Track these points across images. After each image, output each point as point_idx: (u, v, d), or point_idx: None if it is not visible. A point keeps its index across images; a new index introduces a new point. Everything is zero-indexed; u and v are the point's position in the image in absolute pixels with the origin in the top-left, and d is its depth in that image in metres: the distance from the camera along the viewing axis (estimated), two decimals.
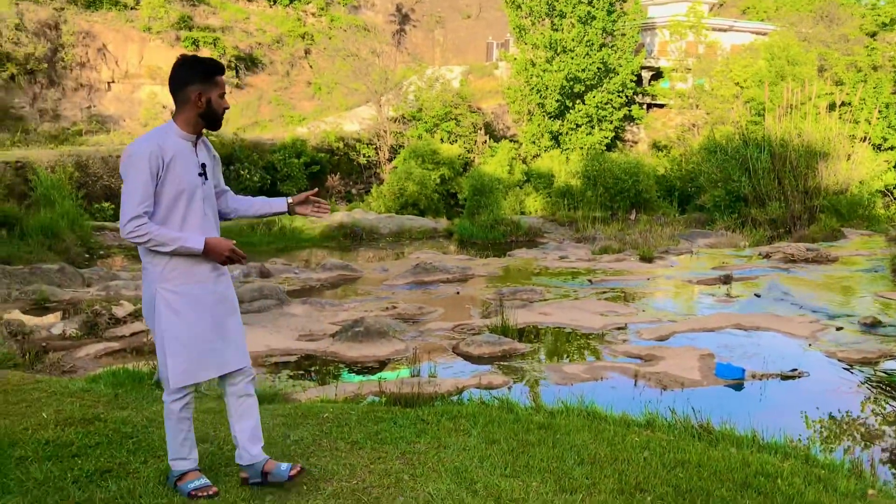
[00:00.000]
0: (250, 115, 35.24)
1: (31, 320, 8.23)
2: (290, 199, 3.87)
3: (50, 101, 31.94)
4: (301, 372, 7.15)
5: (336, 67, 35.12)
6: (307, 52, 38.47)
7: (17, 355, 6.65)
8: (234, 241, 3.57)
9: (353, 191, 31.02)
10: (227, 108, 3.58)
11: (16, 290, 10.36)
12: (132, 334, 7.96)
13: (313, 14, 39.87)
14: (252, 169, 26.91)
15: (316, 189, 3.72)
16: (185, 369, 3.44)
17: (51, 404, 4.94)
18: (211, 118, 3.53)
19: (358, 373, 7.11)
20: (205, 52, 34.13)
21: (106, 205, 22.31)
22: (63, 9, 33.20)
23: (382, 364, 7.37)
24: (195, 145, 3.53)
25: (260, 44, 37.31)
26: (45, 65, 31.99)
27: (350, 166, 31.10)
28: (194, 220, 3.47)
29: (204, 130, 3.61)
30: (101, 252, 17.61)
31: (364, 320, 8.15)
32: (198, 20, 36.26)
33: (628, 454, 4.38)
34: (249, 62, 36.60)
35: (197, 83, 3.46)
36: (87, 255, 16.42)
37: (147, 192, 3.31)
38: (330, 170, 30.19)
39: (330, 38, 37.19)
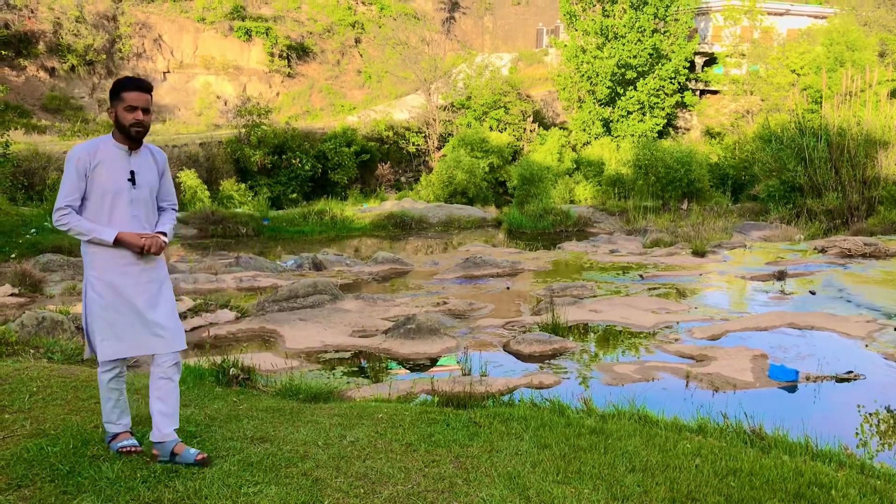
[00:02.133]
0: (302, 104, 35.62)
1: None
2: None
3: (108, 92, 32.67)
4: (355, 369, 7.30)
5: (386, 56, 35.28)
6: (357, 40, 38.69)
7: (85, 350, 6.91)
8: (150, 235, 4.00)
9: (403, 179, 31.20)
10: (136, 120, 3.90)
11: (80, 282, 10.71)
12: (192, 329, 8.19)
13: (364, 3, 40.05)
14: (304, 158, 27.23)
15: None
16: (110, 345, 3.93)
17: None
18: (121, 129, 3.96)
19: (411, 370, 7.23)
20: (257, 42, 34.66)
21: None
22: (120, 0, 33.90)
23: (434, 361, 7.48)
24: (130, 154, 3.99)
25: (311, 33, 37.64)
26: (104, 55, 32.77)
27: (399, 155, 31.28)
28: (120, 218, 3.95)
29: (130, 144, 4.03)
30: None
31: (416, 317, 8.26)
32: (250, 10, 36.73)
33: (680, 461, 4.40)
34: (301, 51, 36.96)
35: (111, 100, 3.98)
36: None
37: (73, 188, 3.86)
38: (379, 158, 30.41)
39: (380, 27, 37.35)
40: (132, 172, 3.97)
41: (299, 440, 4.52)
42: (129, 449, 4.10)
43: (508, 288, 11.52)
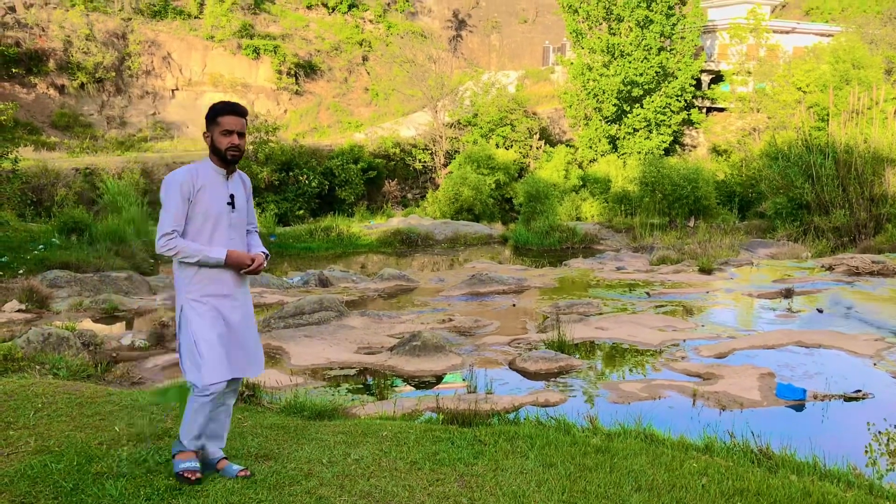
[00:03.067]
0: (309, 121, 35.81)
1: (102, 330, 8.54)
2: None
3: (117, 109, 32.93)
4: (360, 386, 7.28)
5: (393, 74, 35.47)
6: (365, 58, 38.92)
7: (90, 366, 6.92)
8: (256, 256, 4.09)
9: (409, 196, 31.27)
10: (232, 144, 3.95)
11: (87, 298, 10.74)
12: None
13: (371, 21, 40.34)
14: (311, 174, 27.33)
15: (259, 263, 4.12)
16: (214, 368, 3.87)
17: (122, 418, 5.15)
18: (217, 153, 4.00)
19: (416, 387, 7.21)
20: (265, 60, 34.87)
21: None
22: (130, 19, 34.23)
23: (439, 379, 7.46)
24: (227, 178, 4.06)
25: (319, 51, 37.89)
26: (113, 73, 33.03)
27: (406, 171, 31.37)
28: (220, 242, 3.99)
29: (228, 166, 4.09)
30: (166, 258, 18.10)
31: (421, 334, 8.25)
32: (259, 28, 37.02)
33: (686, 481, 4.36)
34: (308, 69, 37.19)
35: (207, 124, 4.05)
36: (151, 261, 16.91)
37: (177, 213, 3.87)
38: (386, 175, 30.50)
39: (387, 45, 37.59)
40: (231, 196, 4.04)
41: (303, 458, 4.50)
42: (188, 475, 4.00)
43: (514, 305, 11.50)
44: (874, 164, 20.17)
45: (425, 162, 31.25)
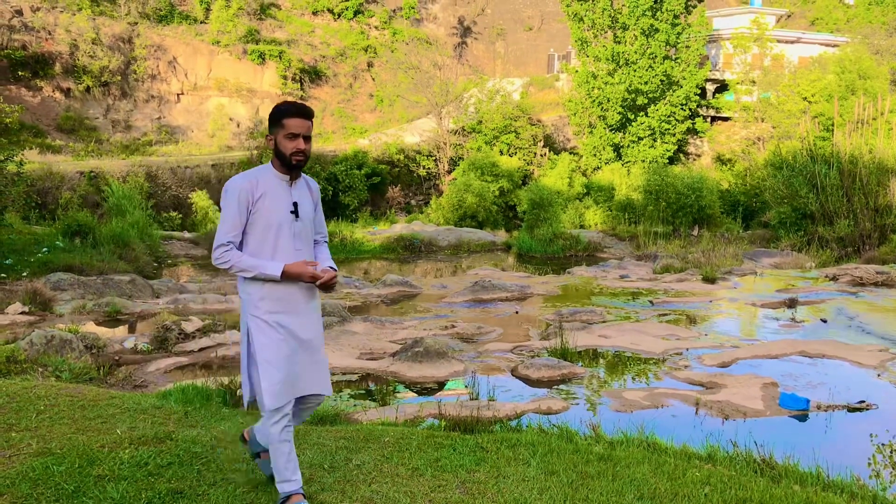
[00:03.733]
0: (314, 126, 35.86)
1: (104, 333, 8.54)
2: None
3: (122, 113, 33.02)
4: (362, 391, 7.27)
5: (398, 80, 35.53)
6: (370, 64, 39.01)
7: (93, 369, 6.92)
8: (324, 271, 3.73)
9: (413, 202, 31.29)
10: (298, 149, 3.64)
11: (90, 301, 10.75)
12: (200, 350, 8.20)
13: (376, 27, 40.44)
14: (314, 180, 27.35)
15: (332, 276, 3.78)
16: (278, 390, 3.60)
17: (125, 421, 5.15)
18: (280, 157, 3.71)
19: (419, 393, 7.20)
20: (270, 65, 34.96)
21: (174, 214, 22.97)
22: (136, 23, 34.35)
23: (441, 385, 7.45)
24: (291, 184, 3.75)
25: (324, 56, 37.99)
26: (119, 77, 33.13)
27: (410, 178, 31.40)
28: (283, 253, 3.69)
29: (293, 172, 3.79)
30: (169, 261, 18.14)
31: (423, 340, 8.24)
32: (264, 33, 37.13)
33: (689, 490, 4.35)
34: (314, 75, 37.27)
35: (271, 126, 3.74)
36: (155, 265, 16.93)
37: (234, 222, 3.62)
38: (390, 181, 30.53)
39: (392, 51, 37.66)
40: (295, 204, 3.73)
41: (305, 463, 4.50)
42: None
43: (517, 312, 11.49)
44: (879, 174, 20.15)
45: (429, 168, 31.28)
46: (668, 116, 31.27)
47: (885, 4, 41.45)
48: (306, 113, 3.68)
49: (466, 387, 7.02)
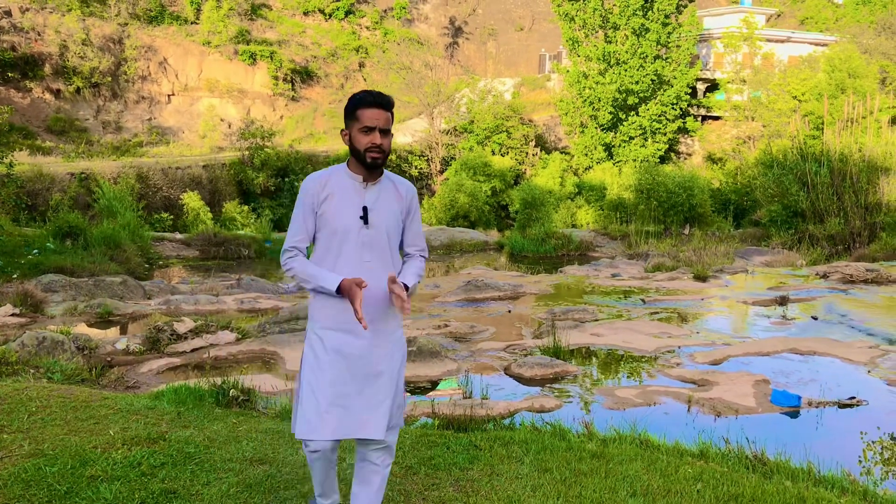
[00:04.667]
0: (305, 127, 35.84)
1: (96, 334, 8.52)
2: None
3: (113, 114, 32.93)
4: None
5: (389, 80, 35.54)
6: (361, 64, 38.99)
7: (85, 370, 6.90)
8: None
9: None
10: (373, 144, 3.16)
11: (81, 302, 10.72)
12: (193, 350, 8.18)
13: (367, 28, 40.42)
14: (404, 182, 27.36)
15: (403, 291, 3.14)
16: (309, 420, 3.16)
17: (117, 421, 5.13)
18: (355, 155, 3.25)
19: (411, 392, 7.20)
20: (261, 66, 34.92)
21: (165, 215, 22.91)
22: (127, 24, 34.25)
23: (434, 384, 7.46)
24: (366, 186, 3.27)
25: (315, 57, 37.96)
26: (109, 78, 33.03)
27: (402, 178, 31.38)
28: (347, 264, 3.24)
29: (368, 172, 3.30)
30: (160, 263, 18.10)
31: (417, 339, 8.25)
32: (255, 34, 37.07)
33: (681, 486, 4.37)
34: (305, 75, 37.23)
35: (346, 119, 3.29)
36: (146, 266, 16.88)
37: (300, 226, 3.27)
38: None
39: (384, 52, 37.68)
40: (364, 208, 3.22)
41: (298, 462, 4.50)
42: None
43: (510, 311, 11.51)
44: (869, 172, 20.27)
45: (421, 168, 31.28)
46: (659, 116, 31.36)
47: (873, 4, 41.69)
48: (384, 103, 3.21)
49: (459, 386, 7.03)
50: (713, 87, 36.59)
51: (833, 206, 20.19)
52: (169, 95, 34.81)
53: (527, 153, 31.77)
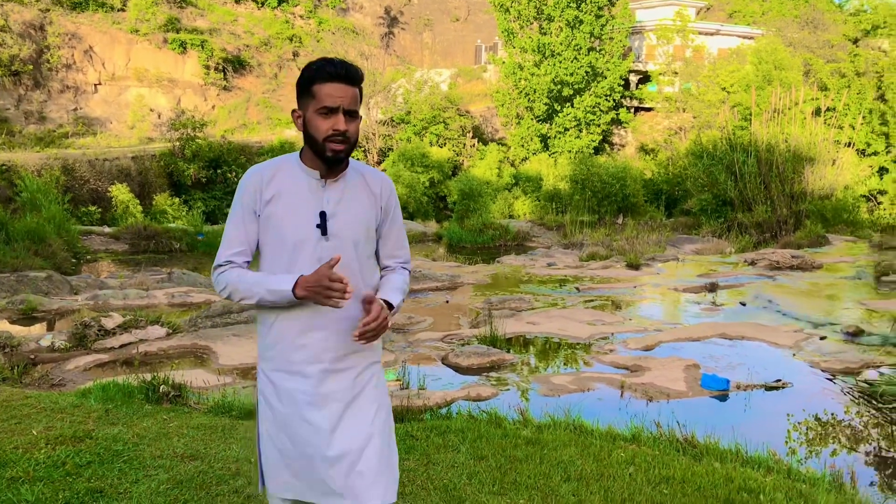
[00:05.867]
0: (238, 117, 35.20)
1: (19, 331, 8.22)
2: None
3: (35, 103, 31.78)
4: None
5: None
6: (295, 54, 38.44)
7: (6, 368, 6.66)
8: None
9: None
10: (336, 130, 2.38)
11: (3, 299, 10.33)
12: (121, 346, 7.97)
13: (301, 17, 39.87)
14: (239, 172, 26.88)
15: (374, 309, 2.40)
16: (273, 475, 2.52)
17: (41, 421, 4.97)
18: (311, 144, 2.45)
19: None
20: (192, 54, 34.15)
21: (93, 209, 22.25)
22: (48, 10, 33.04)
23: None
24: (325, 183, 2.48)
25: (248, 46, 37.26)
26: (31, 66, 31.83)
27: None
28: None
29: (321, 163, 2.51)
30: (88, 257, 17.58)
31: None
32: (185, 22, 36.19)
33: (614, 470, 4.44)
34: (237, 64, 36.54)
35: (299, 97, 2.50)
36: (73, 261, 16.37)
37: (237, 233, 2.48)
38: None
39: (318, 41, 37.24)
40: (322, 214, 2.44)
41: (231, 457, 4.43)
42: None
43: (448, 301, 11.52)
44: (794, 162, 20.93)
45: (358, 159, 31.06)
46: (593, 107, 31.77)
47: None
48: (350, 75, 2.41)
49: (398, 378, 7.00)
50: (645, 78, 37.22)
51: (760, 195, 20.78)
52: (95, 85, 33.74)
53: (464, 144, 31.82)
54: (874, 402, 6.61)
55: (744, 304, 11.11)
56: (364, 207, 2.54)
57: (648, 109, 36.29)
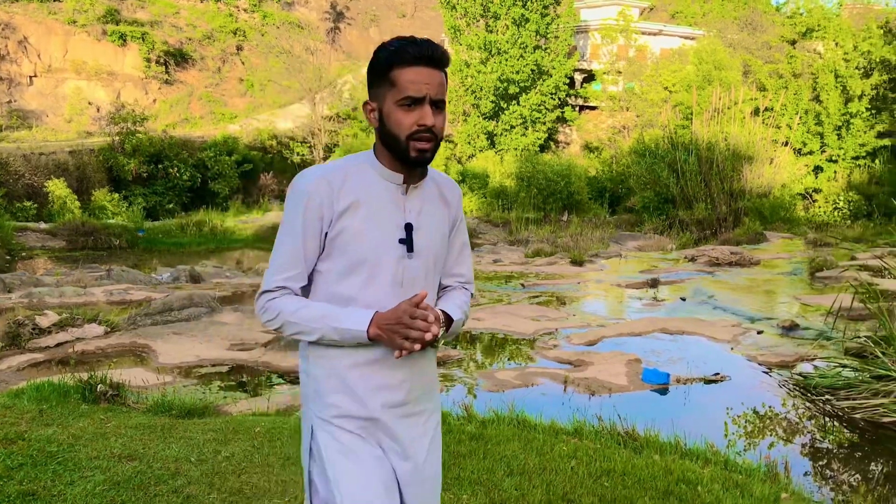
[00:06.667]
0: (180, 111, 34.56)
1: None
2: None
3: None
4: (233, 383, 7.09)
5: (269, 64, 34.75)
6: (239, 48, 37.89)
7: None
8: (421, 303, 1.93)
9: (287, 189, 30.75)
10: (426, 126, 1.96)
11: None
12: (57, 345, 7.76)
13: (245, 10, 39.29)
14: (182, 167, 26.43)
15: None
16: None
17: None
18: (389, 143, 2.03)
19: (291, 382, 7.08)
20: (132, 47, 33.41)
21: (28, 204, 21.62)
22: None
23: None
24: (406, 190, 2.08)
25: (190, 39, 36.59)
26: None
27: (284, 165, 30.83)
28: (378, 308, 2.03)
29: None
30: (24, 254, 17.07)
31: None
32: (125, 14, 35.38)
33: (556, 464, 4.49)
34: (179, 57, 35.86)
35: (372, 85, 2.07)
36: (8, 258, 15.89)
37: (297, 254, 2.02)
38: (263, 168, 29.87)
39: (263, 35, 36.76)
40: (408, 227, 2.05)
41: (170, 457, 4.34)
42: None
43: None
44: (733, 160, 21.44)
45: (304, 155, 30.78)
46: (539, 105, 32.04)
47: (737, 0, 43.96)
48: (437, 57, 1.99)
49: None
50: (590, 77, 37.68)
51: (701, 193, 21.24)
52: (31, 77, 32.76)
53: None
54: (808, 394, 6.81)
55: (684, 300, 11.34)
56: (441, 219, 2.16)
57: (593, 108, 36.74)
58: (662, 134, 24.65)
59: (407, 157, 1.99)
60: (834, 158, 25.50)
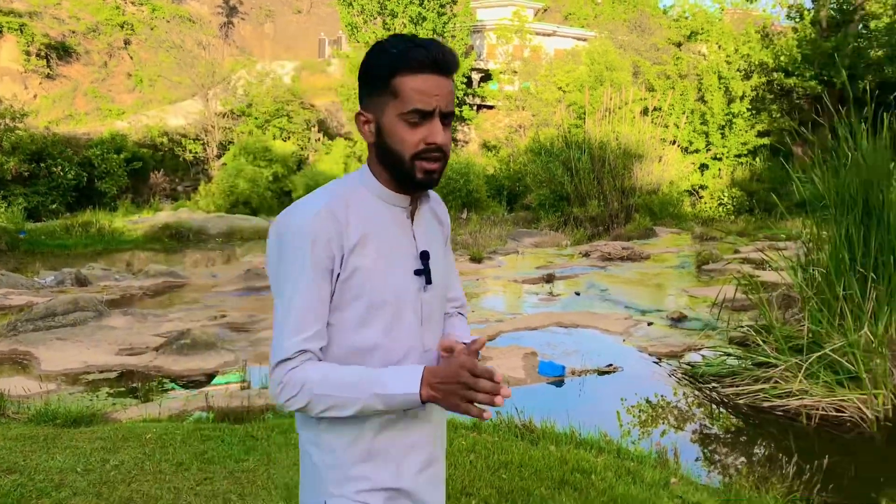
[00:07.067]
0: (64, 107, 32.99)
1: None
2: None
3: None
4: (122, 389, 6.83)
5: (159, 59, 33.63)
6: (127, 42, 36.48)
7: None
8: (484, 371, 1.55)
9: (180, 188, 29.84)
10: (435, 144, 1.66)
11: None
12: None
13: (133, 3, 37.85)
14: (66, 165, 25.24)
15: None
16: None
17: None
18: (391, 161, 1.71)
19: (184, 387, 6.88)
20: (10, 39, 31.71)
21: None
22: None
23: (211, 377, 7.18)
24: (412, 214, 1.80)
25: (74, 32, 34.97)
26: None
27: (175, 162, 29.88)
28: (408, 358, 1.75)
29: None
30: None
31: (190, 332, 7.89)
32: (1, 4, 33.46)
33: (455, 458, 4.53)
34: (62, 51, 34.21)
35: (367, 94, 1.78)
36: None
37: (313, 307, 1.66)
38: (153, 166, 28.86)
39: (152, 29, 35.54)
40: (424, 255, 1.77)
41: (54, 468, 4.16)
42: None
43: None
44: (624, 158, 22.13)
45: (196, 153, 29.92)
46: None
47: (627, 3, 45.39)
48: (448, 62, 1.67)
49: (243, 381, 6.81)
50: (487, 77, 38.14)
51: (594, 190, 21.82)
52: None
53: (309, 138, 31.38)
54: (696, 382, 7.11)
55: (578, 294, 11.65)
56: (440, 241, 1.89)
57: (490, 107, 37.22)
58: (557, 133, 25.17)
59: (411, 178, 1.69)
60: (718, 156, 26.68)
